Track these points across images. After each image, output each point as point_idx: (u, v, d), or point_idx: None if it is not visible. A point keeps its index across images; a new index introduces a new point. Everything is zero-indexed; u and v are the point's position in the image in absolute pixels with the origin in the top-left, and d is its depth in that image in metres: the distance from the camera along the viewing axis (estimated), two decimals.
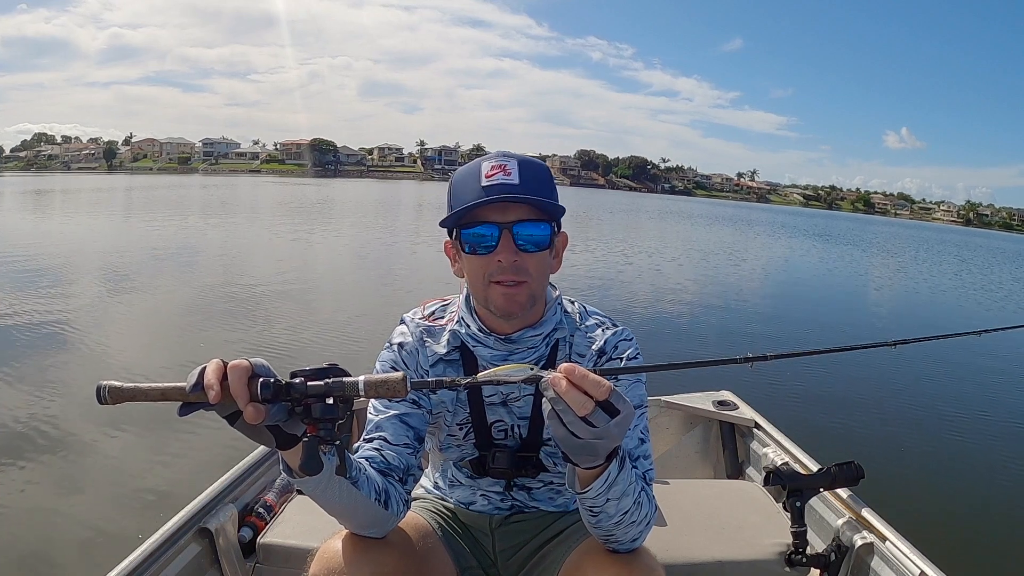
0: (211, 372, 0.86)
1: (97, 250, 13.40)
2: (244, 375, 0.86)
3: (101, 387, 0.86)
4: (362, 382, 0.88)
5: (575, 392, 0.89)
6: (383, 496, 1.15)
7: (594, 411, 0.89)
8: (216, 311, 8.13)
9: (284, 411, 0.88)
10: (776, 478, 1.93)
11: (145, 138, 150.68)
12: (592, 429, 0.90)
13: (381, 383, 0.88)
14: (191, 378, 0.86)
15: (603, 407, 0.90)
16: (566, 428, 0.91)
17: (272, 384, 0.86)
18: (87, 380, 5.37)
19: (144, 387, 0.88)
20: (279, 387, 0.87)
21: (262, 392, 0.85)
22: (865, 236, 45.94)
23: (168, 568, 1.69)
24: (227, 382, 0.85)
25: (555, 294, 1.40)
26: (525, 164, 1.25)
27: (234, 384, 0.85)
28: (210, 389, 0.84)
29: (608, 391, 0.90)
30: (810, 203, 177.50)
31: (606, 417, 0.90)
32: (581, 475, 1.04)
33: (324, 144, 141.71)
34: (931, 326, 11.18)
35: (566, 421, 0.90)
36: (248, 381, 0.86)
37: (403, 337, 1.39)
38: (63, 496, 3.56)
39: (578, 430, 0.90)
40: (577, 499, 1.09)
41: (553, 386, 0.90)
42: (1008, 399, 6.59)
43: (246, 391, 0.85)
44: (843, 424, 5.20)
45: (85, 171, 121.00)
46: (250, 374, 0.86)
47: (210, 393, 0.84)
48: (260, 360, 0.89)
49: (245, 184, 67.67)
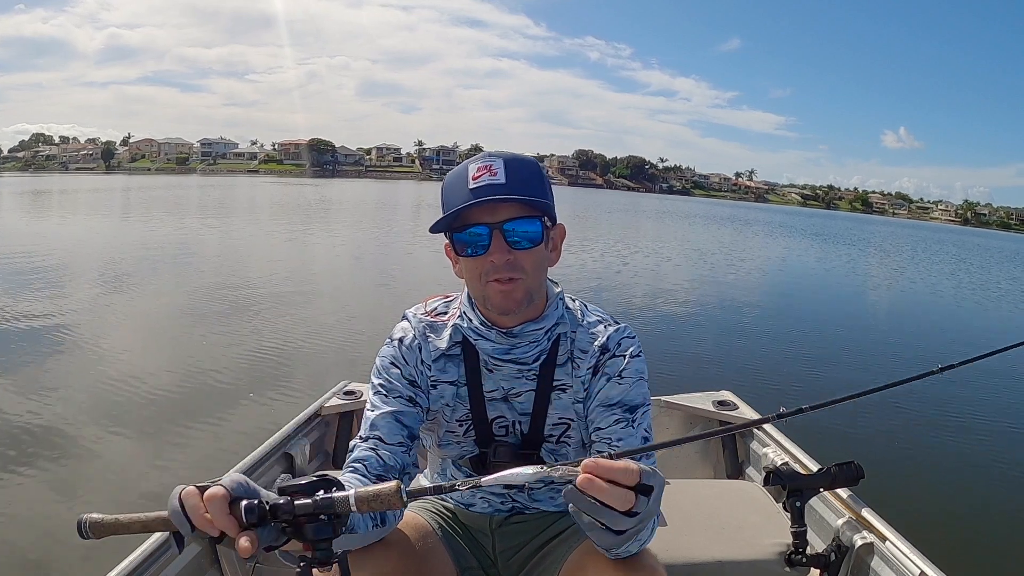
0: (193, 509, 0.80)
1: (94, 250, 13.40)
2: (224, 505, 0.80)
3: (82, 521, 0.85)
4: (352, 497, 0.81)
5: (613, 489, 0.79)
6: (379, 515, 1.15)
7: (637, 500, 0.81)
8: (213, 311, 8.13)
9: (275, 532, 0.82)
10: (776, 478, 1.92)
11: (143, 138, 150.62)
12: (635, 518, 0.82)
13: (374, 497, 0.81)
14: (174, 514, 0.81)
15: (638, 490, 0.82)
16: (611, 531, 0.84)
17: (257, 508, 0.80)
18: (86, 380, 5.37)
19: (125, 519, 0.85)
20: (264, 511, 0.80)
21: (247, 518, 0.79)
22: (862, 235, 46.00)
23: (168, 568, 1.69)
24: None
25: (556, 290, 1.40)
26: (511, 162, 1.25)
27: (217, 518, 0.79)
28: (206, 528, 0.80)
29: (638, 473, 0.81)
30: (808, 203, 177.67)
31: (645, 500, 0.82)
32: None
33: (322, 144, 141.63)
34: (928, 323, 11.23)
35: (610, 524, 0.82)
36: (230, 508, 0.80)
37: (404, 332, 1.40)
38: (63, 496, 3.56)
39: (622, 525, 0.83)
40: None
41: (585, 489, 0.80)
42: (1008, 399, 6.59)
43: (232, 521, 0.80)
44: (843, 424, 5.20)
45: (83, 171, 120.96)
46: (229, 500, 0.80)
47: (207, 529, 0.80)
48: (236, 478, 0.84)
49: (243, 184, 67.72)
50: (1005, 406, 6.31)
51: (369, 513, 1.08)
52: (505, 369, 1.35)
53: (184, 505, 0.80)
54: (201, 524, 0.80)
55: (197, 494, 0.80)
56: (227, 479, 0.82)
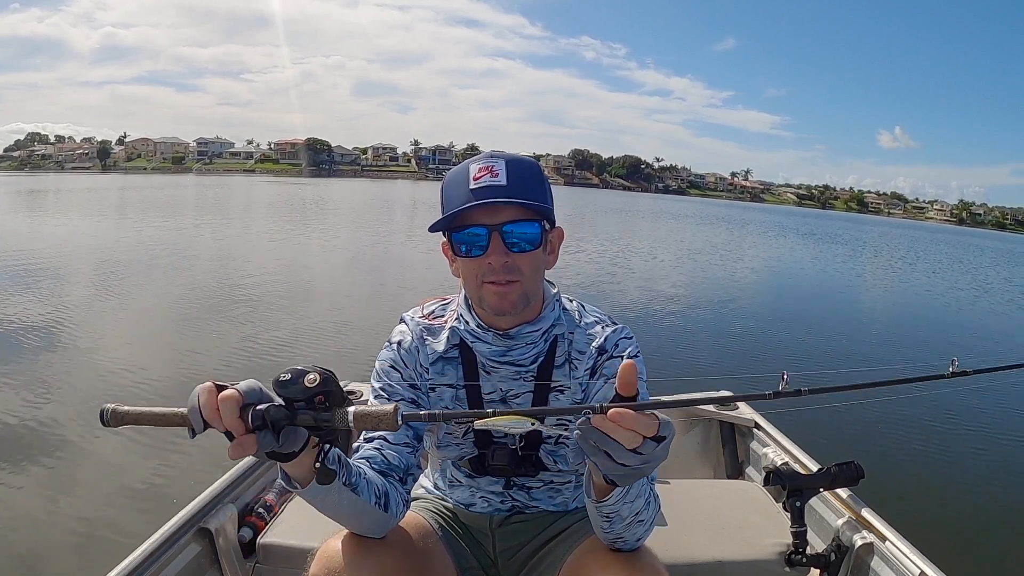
0: (207, 405, 0.86)
1: (89, 250, 13.33)
2: (235, 407, 0.86)
3: (105, 410, 0.90)
4: (351, 414, 0.87)
5: (624, 431, 0.85)
6: (383, 499, 1.15)
7: (644, 443, 0.87)
8: (209, 311, 8.09)
9: (271, 437, 0.87)
10: (776, 478, 1.93)
11: (139, 138, 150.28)
12: (641, 456, 0.87)
13: (372, 416, 0.87)
14: (191, 411, 0.87)
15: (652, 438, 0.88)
16: (615, 462, 0.88)
17: (263, 413, 0.86)
18: (85, 380, 5.35)
19: (144, 411, 0.91)
20: (267, 419, 0.87)
21: (252, 422, 0.86)
22: (859, 236, 46.03)
23: (168, 568, 1.69)
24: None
25: (553, 291, 1.40)
26: (513, 164, 1.25)
27: (226, 418, 0.85)
28: (215, 424, 0.86)
29: (657, 426, 0.87)
30: (804, 202, 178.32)
31: (653, 444, 0.87)
32: (601, 485, 1.03)
33: (318, 144, 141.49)
34: (924, 318, 11.25)
35: (614, 456, 0.87)
36: (240, 412, 0.86)
37: (402, 336, 1.40)
38: (63, 497, 3.54)
39: (627, 460, 0.87)
40: (592, 506, 1.08)
41: (601, 427, 0.86)
42: (1008, 399, 6.59)
43: (240, 423, 0.86)
44: (843, 424, 5.20)
45: (79, 171, 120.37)
46: (241, 404, 0.86)
47: (216, 426, 0.87)
48: (252, 384, 0.89)
49: (240, 184, 67.54)
50: (1006, 407, 6.31)
51: (375, 489, 1.13)
52: (502, 371, 1.35)
53: (200, 399, 0.86)
54: (212, 420, 0.86)
55: (214, 392, 0.86)
56: (243, 384, 0.88)
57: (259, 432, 0.86)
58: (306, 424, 0.87)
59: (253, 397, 0.87)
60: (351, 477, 1.07)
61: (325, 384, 0.88)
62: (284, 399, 0.88)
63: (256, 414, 0.86)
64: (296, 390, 0.87)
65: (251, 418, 0.86)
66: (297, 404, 0.87)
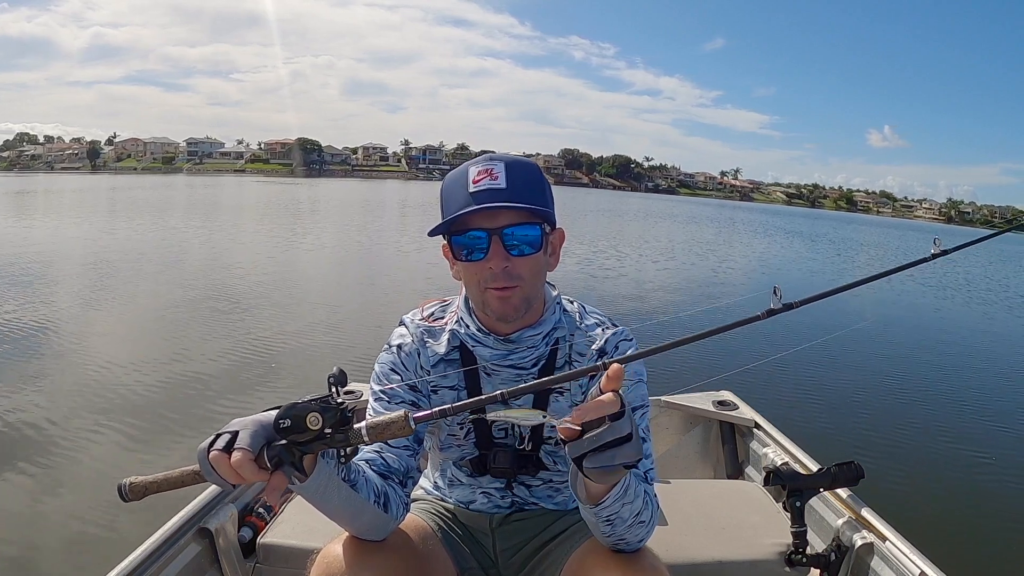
0: (227, 474, 0.90)
1: (83, 251, 13.25)
2: (253, 467, 0.89)
3: (123, 485, 0.96)
4: (364, 429, 0.91)
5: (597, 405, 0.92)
6: (382, 499, 1.15)
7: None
8: (204, 312, 8.05)
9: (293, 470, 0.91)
10: (776, 478, 1.93)
11: (129, 138, 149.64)
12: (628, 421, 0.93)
13: (385, 427, 0.92)
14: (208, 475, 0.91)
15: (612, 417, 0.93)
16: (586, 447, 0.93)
17: (280, 452, 0.90)
18: (84, 380, 5.34)
19: (160, 478, 0.96)
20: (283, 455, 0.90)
21: (271, 463, 0.89)
22: (850, 235, 46.25)
23: (168, 568, 1.69)
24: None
25: (554, 293, 1.39)
26: (513, 166, 1.24)
27: (250, 478, 0.89)
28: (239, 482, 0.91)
29: (617, 402, 0.92)
30: (793, 201, 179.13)
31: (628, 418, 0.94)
32: (593, 489, 1.04)
33: (309, 144, 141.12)
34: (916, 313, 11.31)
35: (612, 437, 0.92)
36: (256, 461, 0.89)
37: (402, 339, 1.39)
38: (63, 497, 3.54)
39: (625, 430, 0.92)
40: (590, 512, 1.08)
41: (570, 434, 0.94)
42: (1009, 399, 6.64)
43: (263, 473, 0.90)
44: (843, 424, 5.22)
45: (69, 171, 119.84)
46: (254, 458, 0.89)
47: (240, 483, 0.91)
48: (249, 434, 0.91)
49: (230, 184, 67.29)
50: (1007, 407, 6.35)
51: (374, 488, 1.15)
52: (504, 374, 1.34)
53: (218, 470, 0.89)
54: (237, 481, 0.90)
55: (225, 458, 0.89)
56: (242, 434, 0.90)
57: (282, 468, 0.90)
58: (322, 449, 0.92)
59: (258, 441, 0.90)
60: (350, 474, 1.08)
61: (326, 416, 0.90)
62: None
63: (272, 455, 0.89)
64: (303, 436, 0.90)
65: (267, 459, 0.89)
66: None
